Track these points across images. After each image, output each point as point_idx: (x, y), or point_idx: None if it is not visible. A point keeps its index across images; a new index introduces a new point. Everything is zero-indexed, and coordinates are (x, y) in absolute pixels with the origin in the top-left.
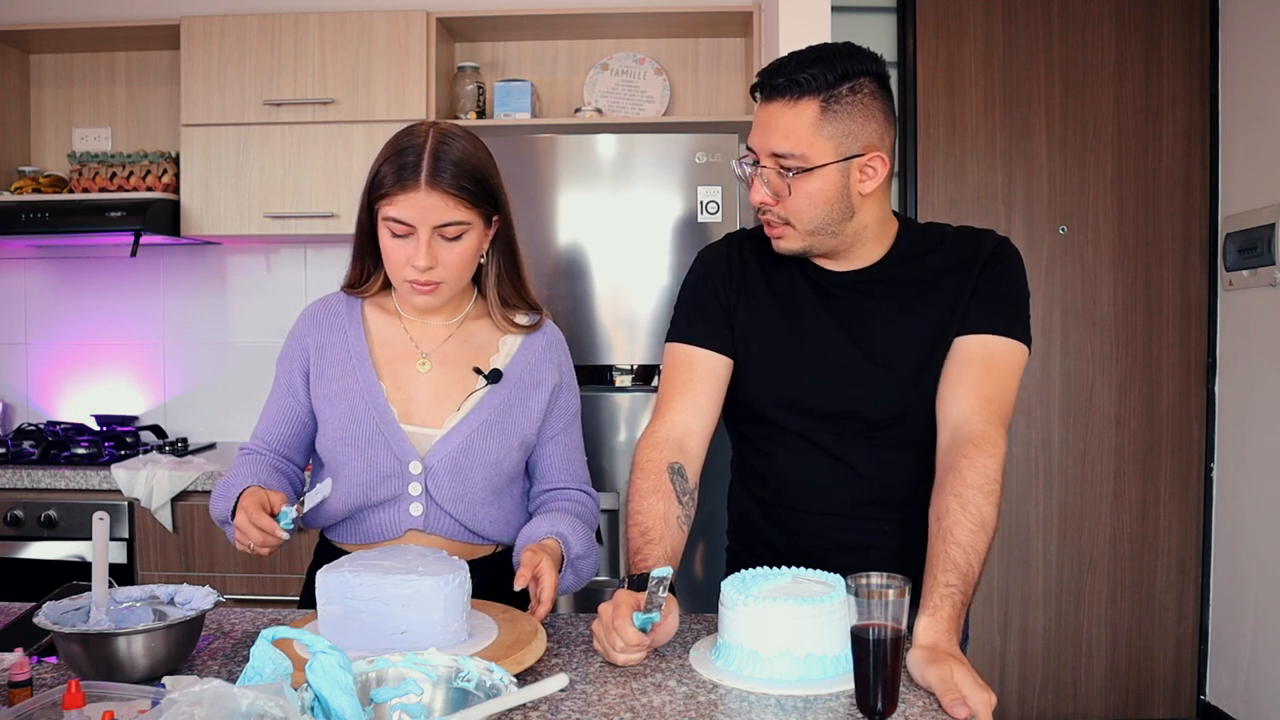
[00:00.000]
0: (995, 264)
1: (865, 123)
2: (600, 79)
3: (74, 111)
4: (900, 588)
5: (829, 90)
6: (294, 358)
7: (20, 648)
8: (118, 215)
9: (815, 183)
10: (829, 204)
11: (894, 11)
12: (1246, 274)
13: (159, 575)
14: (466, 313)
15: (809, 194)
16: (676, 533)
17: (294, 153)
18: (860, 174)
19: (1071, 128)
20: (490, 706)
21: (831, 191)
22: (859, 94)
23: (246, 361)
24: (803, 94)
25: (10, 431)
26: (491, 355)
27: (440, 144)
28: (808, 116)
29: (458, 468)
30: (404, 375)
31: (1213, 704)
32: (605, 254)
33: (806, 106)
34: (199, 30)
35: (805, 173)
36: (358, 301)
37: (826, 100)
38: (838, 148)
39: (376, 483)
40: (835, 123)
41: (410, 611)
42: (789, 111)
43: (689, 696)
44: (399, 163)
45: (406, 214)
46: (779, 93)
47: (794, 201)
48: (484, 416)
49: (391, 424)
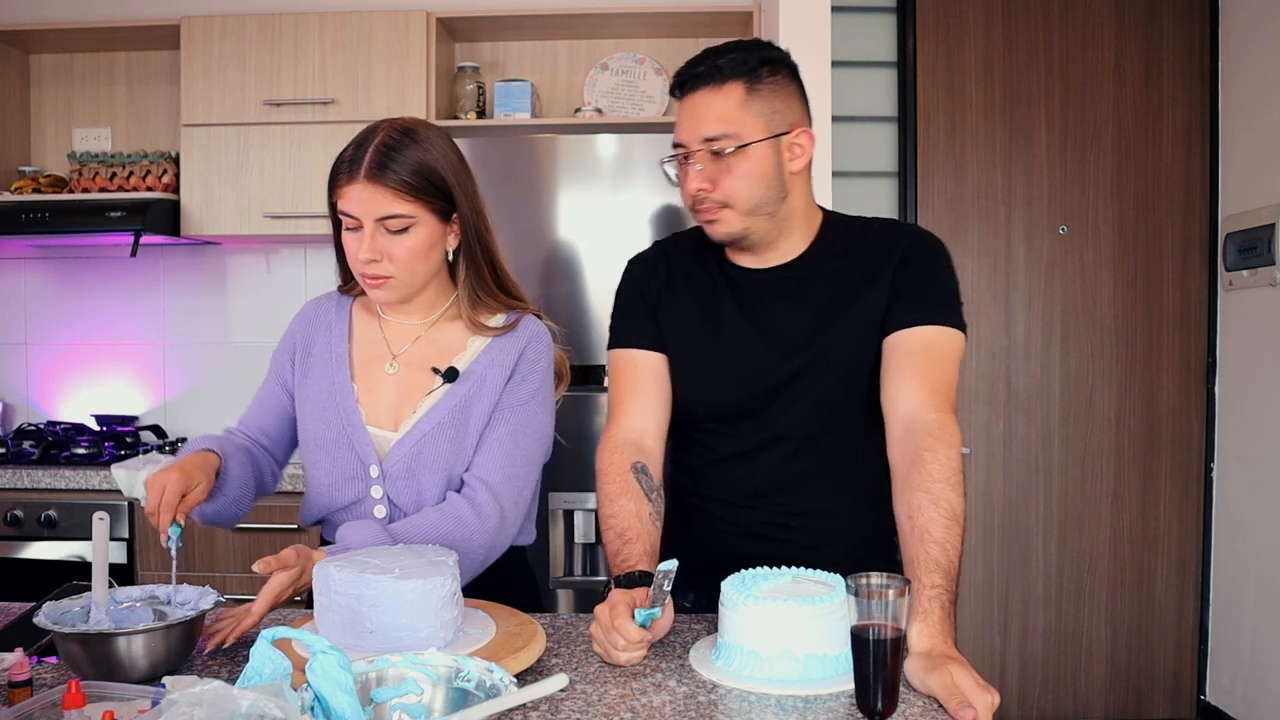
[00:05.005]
0: (917, 257)
1: (788, 101)
2: (600, 79)
3: (74, 111)
4: (900, 588)
5: (750, 72)
6: (285, 351)
7: (20, 648)
8: (118, 215)
9: (749, 161)
10: (765, 181)
11: (894, 11)
12: (1246, 274)
13: (159, 575)
14: (442, 313)
15: (745, 173)
16: (652, 529)
17: (294, 153)
18: (789, 152)
19: (1071, 128)
20: (490, 706)
21: (766, 169)
22: (778, 75)
23: (246, 361)
24: (726, 78)
25: (10, 431)
26: (457, 355)
27: (389, 138)
28: (734, 97)
29: (411, 472)
30: (374, 377)
31: (1213, 704)
32: (605, 254)
33: (732, 89)
34: (199, 30)
35: (740, 150)
36: (349, 301)
37: (750, 81)
38: (767, 124)
39: (342, 484)
40: (761, 101)
41: (376, 611)
42: (716, 96)
43: (689, 696)
44: (347, 156)
45: (350, 206)
46: (703, 80)
47: (731, 182)
48: (438, 418)
49: (357, 425)
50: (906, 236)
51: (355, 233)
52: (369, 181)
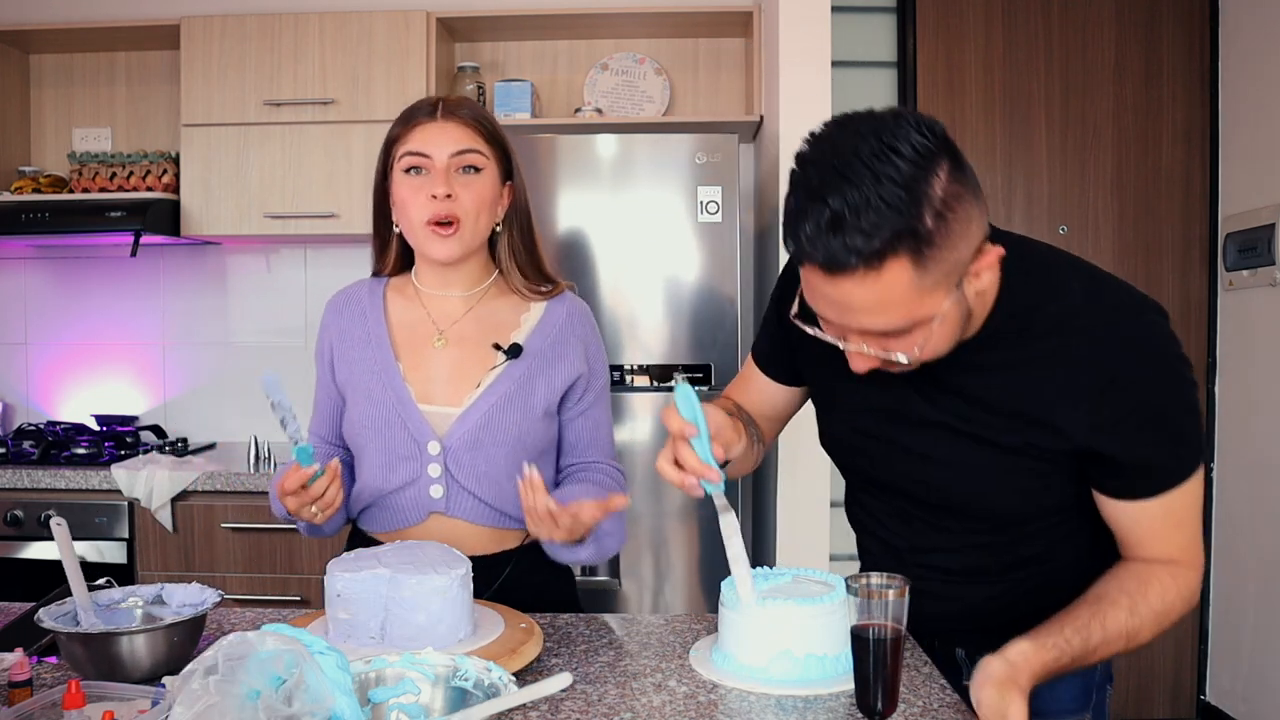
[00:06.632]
0: (1133, 385)
1: (965, 228)
2: (600, 79)
3: (74, 111)
4: (900, 588)
5: (911, 231)
6: (321, 350)
7: (20, 648)
8: (118, 215)
9: (936, 330)
10: (955, 330)
11: (894, 11)
12: (1246, 274)
13: (159, 575)
14: (485, 288)
15: (933, 341)
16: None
17: (294, 153)
18: (974, 280)
19: (1071, 128)
20: (491, 706)
21: (954, 319)
22: (950, 208)
23: (246, 361)
24: (884, 257)
25: (10, 431)
26: (513, 331)
27: (451, 96)
28: (901, 282)
29: (478, 444)
30: (421, 355)
31: (1213, 704)
32: (605, 254)
33: (894, 271)
34: (199, 30)
35: (923, 327)
36: (380, 284)
37: (914, 249)
38: (947, 287)
39: (396, 464)
40: (935, 266)
41: (346, 611)
42: (872, 287)
43: (689, 696)
44: (412, 109)
45: (424, 144)
46: (849, 266)
47: (907, 349)
48: (504, 390)
49: (408, 404)
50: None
51: (422, 176)
52: (449, 118)
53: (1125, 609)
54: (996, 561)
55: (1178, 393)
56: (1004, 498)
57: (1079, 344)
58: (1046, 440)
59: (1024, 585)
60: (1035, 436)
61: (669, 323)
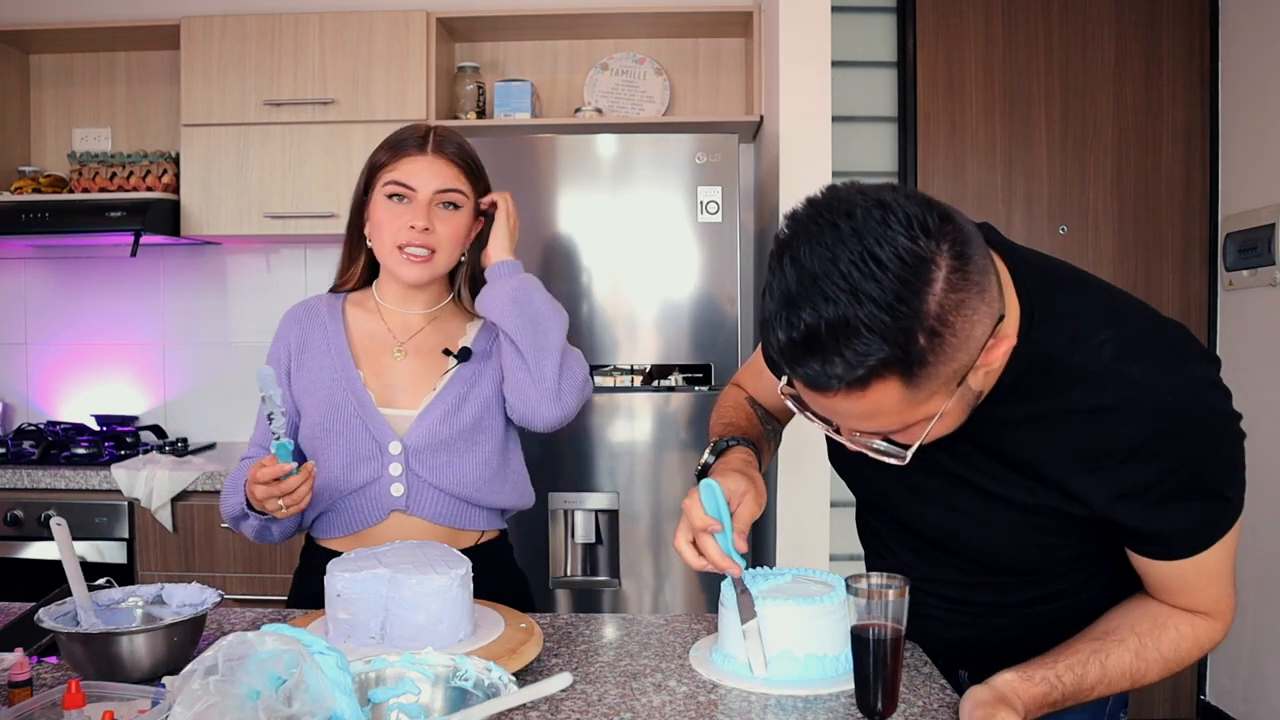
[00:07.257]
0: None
1: (967, 335)
2: (600, 79)
3: (74, 111)
4: (900, 588)
5: (902, 350)
6: (278, 358)
7: (20, 648)
8: (118, 215)
9: (937, 425)
10: (959, 419)
11: (894, 11)
12: (1246, 274)
13: (159, 575)
14: (443, 306)
15: (935, 432)
16: (754, 422)
17: (294, 153)
18: (980, 367)
19: (1071, 128)
20: (491, 706)
21: (957, 412)
22: (942, 312)
23: (246, 361)
24: (869, 380)
25: (10, 431)
26: (460, 339)
27: (444, 130)
28: (892, 398)
29: (436, 438)
30: (381, 363)
31: (1213, 704)
32: (605, 254)
33: (882, 391)
34: (199, 30)
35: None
36: (339, 299)
37: (905, 367)
38: (947, 388)
39: (356, 465)
40: (930, 379)
41: (346, 611)
42: (859, 403)
43: (689, 696)
44: (401, 138)
45: (414, 176)
46: (832, 386)
47: (913, 437)
48: (458, 390)
49: (369, 407)
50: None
51: (403, 205)
52: (438, 155)
53: (1132, 651)
54: (1011, 598)
55: (1216, 453)
56: (1019, 552)
57: (1102, 407)
58: (1063, 504)
59: (1038, 620)
60: (1052, 499)
61: (669, 323)
